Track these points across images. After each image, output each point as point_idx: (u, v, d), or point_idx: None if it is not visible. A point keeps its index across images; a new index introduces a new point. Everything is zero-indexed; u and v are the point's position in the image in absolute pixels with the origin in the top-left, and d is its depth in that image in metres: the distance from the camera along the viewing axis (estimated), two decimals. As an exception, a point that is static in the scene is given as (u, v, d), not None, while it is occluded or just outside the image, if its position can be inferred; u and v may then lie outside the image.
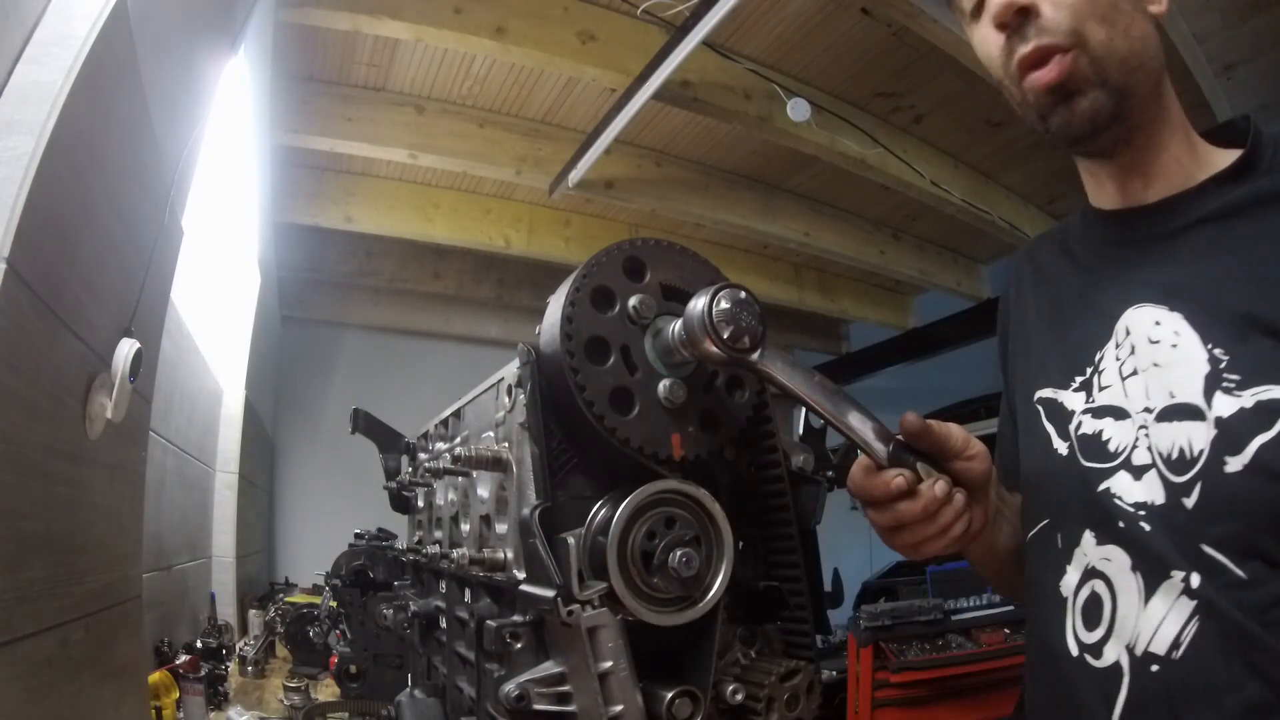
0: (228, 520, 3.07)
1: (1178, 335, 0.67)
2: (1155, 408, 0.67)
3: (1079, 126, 0.70)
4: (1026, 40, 0.70)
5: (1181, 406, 0.65)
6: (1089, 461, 0.72)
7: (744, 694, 0.72)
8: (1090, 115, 0.69)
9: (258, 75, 2.51)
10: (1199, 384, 0.65)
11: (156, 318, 1.38)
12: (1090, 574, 0.69)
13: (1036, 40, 0.69)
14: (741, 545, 0.68)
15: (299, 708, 1.93)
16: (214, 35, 1.50)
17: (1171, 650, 0.62)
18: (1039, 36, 0.69)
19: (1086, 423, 0.73)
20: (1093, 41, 0.68)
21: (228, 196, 2.71)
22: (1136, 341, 0.70)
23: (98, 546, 1.12)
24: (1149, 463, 0.67)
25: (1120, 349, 0.72)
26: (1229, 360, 0.64)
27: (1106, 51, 0.68)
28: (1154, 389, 0.68)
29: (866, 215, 4.40)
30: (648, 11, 2.73)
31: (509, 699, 0.64)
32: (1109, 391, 0.72)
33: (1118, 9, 0.69)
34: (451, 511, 1.06)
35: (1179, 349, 0.67)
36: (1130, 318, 0.72)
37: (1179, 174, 0.73)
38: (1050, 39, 0.68)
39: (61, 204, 0.85)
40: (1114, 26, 0.68)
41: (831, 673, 2.86)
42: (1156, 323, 0.69)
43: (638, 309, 0.65)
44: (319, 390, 4.72)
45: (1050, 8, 0.68)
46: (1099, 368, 0.74)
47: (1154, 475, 0.66)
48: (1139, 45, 0.70)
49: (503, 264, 4.69)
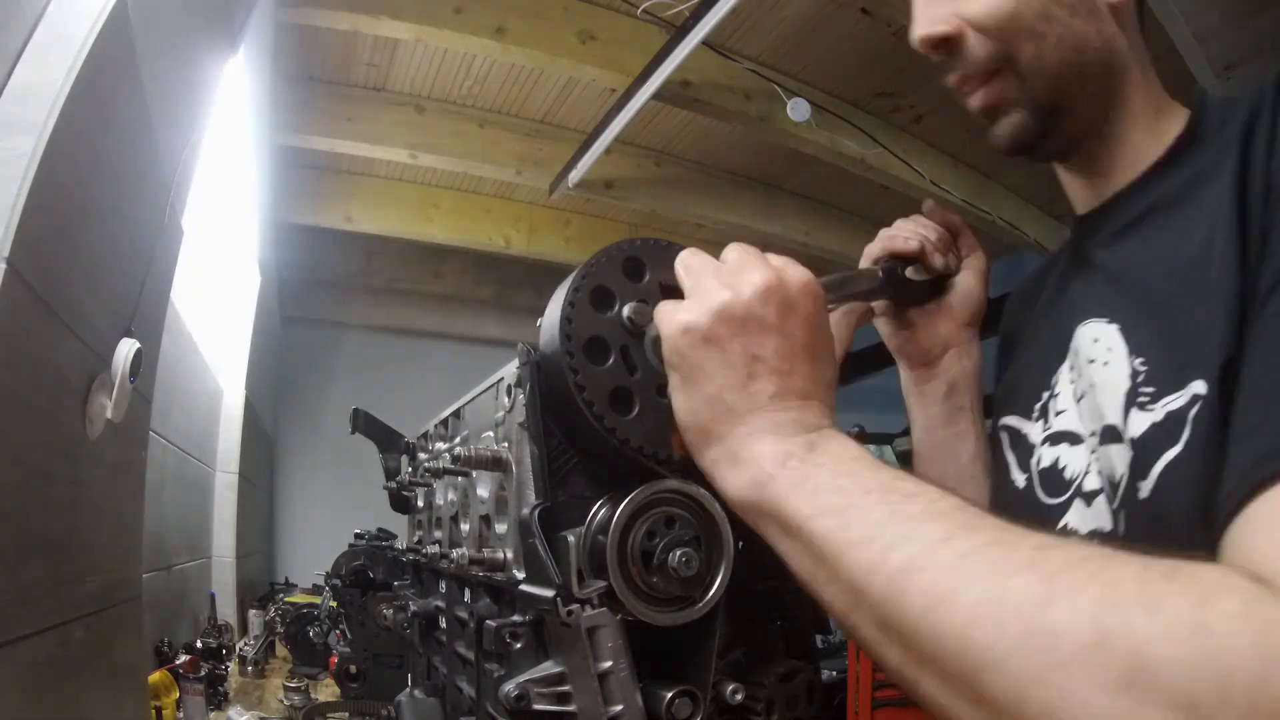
0: (228, 520, 3.07)
1: (1110, 351, 0.64)
2: (1096, 431, 0.64)
3: (1006, 145, 0.70)
4: (952, 69, 0.70)
5: (1108, 429, 0.62)
6: (1048, 497, 0.69)
7: (744, 694, 0.72)
8: (1012, 135, 0.69)
9: (258, 75, 2.51)
10: (1120, 402, 0.61)
11: (156, 318, 1.38)
12: None
13: (961, 70, 0.69)
14: (741, 545, 0.68)
15: (299, 708, 1.93)
16: (214, 35, 1.50)
17: None
18: (963, 66, 0.69)
19: (1045, 454, 0.70)
20: (1020, 59, 0.66)
21: (228, 196, 2.71)
22: (1081, 362, 0.67)
23: (98, 546, 1.12)
24: (1098, 488, 0.63)
25: (1073, 370, 0.68)
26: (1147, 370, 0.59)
27: (1035, 68, 0.66)
28: (1092, 412, 0.65)
29: (866, 215, 4.39)
30: (648, 11, 2.73)
31: (508, 699, 0.64)
32: (1063, 417, 0.69)
33: (1049, 19, 0.66)
34: (451, 511, 1.06)
35: (1110, 366, 0.63)
36: (1078, 335, 0.68)
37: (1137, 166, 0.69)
38: (975, 67, 0.68)
39: (61, 204, 0.85)
40: (1043, 40, 0.66)
41: (831, 673, 2.86)
42: (1095, 339, 0.66)
43: (633, 319, 0.65)
44: (319, 390, 4.72)
45: (974, 36, 0.67)
46: (1054, 392, 0.71)
47: (1102, 500, 0.63)
48: (1074, 54, 0.66)
49: (503, 264, 4.69)
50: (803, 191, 4.15)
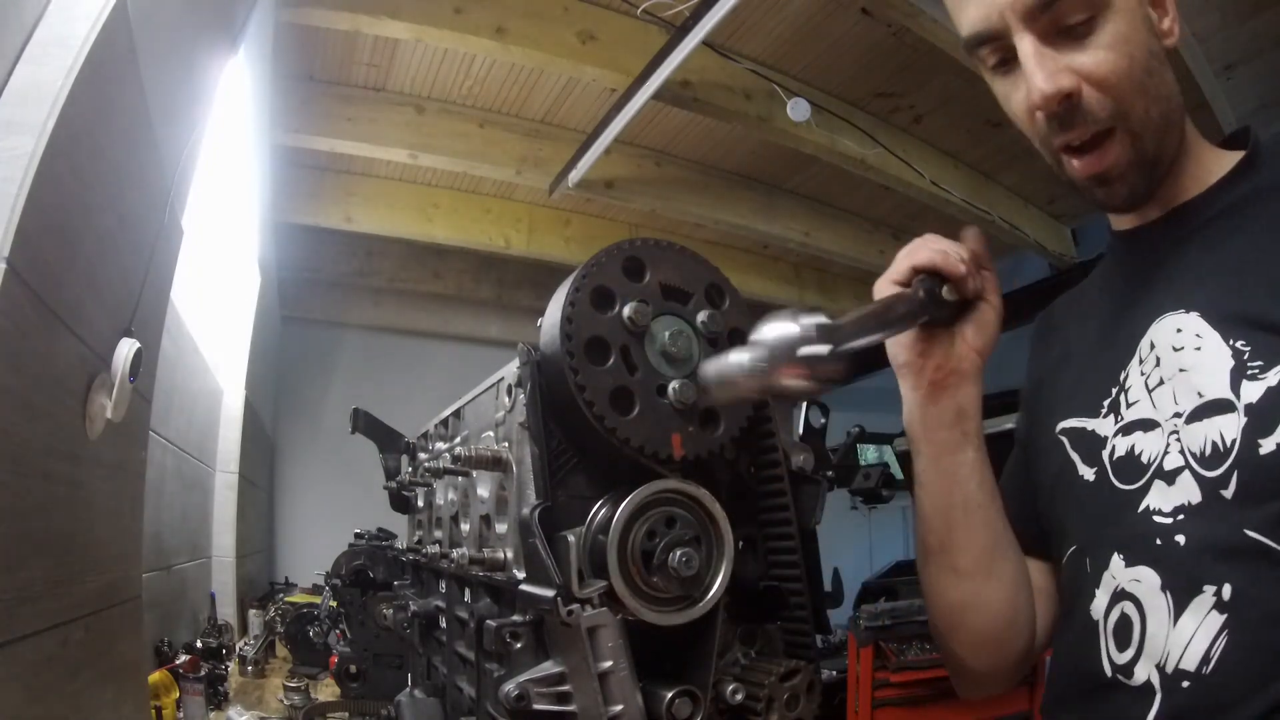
0: (228, 520, 3.07)
1: (1199, 337, 0.67)
2: (1184, 411, 0.67)
3: (1116, 206, 0.72)
4: (1070, 128, 0.68)
5: (1210, 403, 0.65)
6: (1123, 484, 0.71)
7: (744, 694, 0.72)
8: (1127, 197, 0.71)
9: (258, 75, 2.51)
10: (1225, 378, 0.64)
11: (156, 318, 1.38)
12: (1119, 596, 0.68)
13: (1081, 130, 0.68)
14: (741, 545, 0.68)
15: (299, 708, 1.93)
16: (214, 35, 1.50)
17: (1201, 666, 0.62)
18: (1083, 125, 0.68)
19: (1119, 443, 0.72)
20: (1133, 117, 0.67)
21: (228, 196, 2.71)
22: (1161, 353, 0.70)
23: (98, 546, 1.12)
24: (1181, 465, 0.66)
25: (1144, 364, 0.72)
26: (1251, 349, 0.63)
27: (1144, 125, 0.68)
28: (1182, 393, 0.67)
29: (866, 215, 4.40)
30: (648, 11, 2.73)
31: (509, 699, 0.65)
32: (1136, 406, 0.72)
33: (1151, 72, 0.67)
34: (451, 511, 1.06)
35: (1203, 350, 0.66)
36: (1154, 331, 0.71)
37: (1192, 186, 0.74)
38: (1095, 126, 0.67)
39: (61, 204, 0.85)
40: (1149, 95, 0.67)
41: (831, 673, 2.86)
42: (1178, 330, 0.69)
43: (633, 319, 0.65)
44: (319, 390, 4.72)
45: (1093, 93, 0.66)
46: (1124, 387, 0.73)
47: (1187, 476, 0.65)
48: (1168, 104, 0.69)
49: (503, 264, 4.69)
50: (803, 191, 4.14)
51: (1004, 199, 4.04)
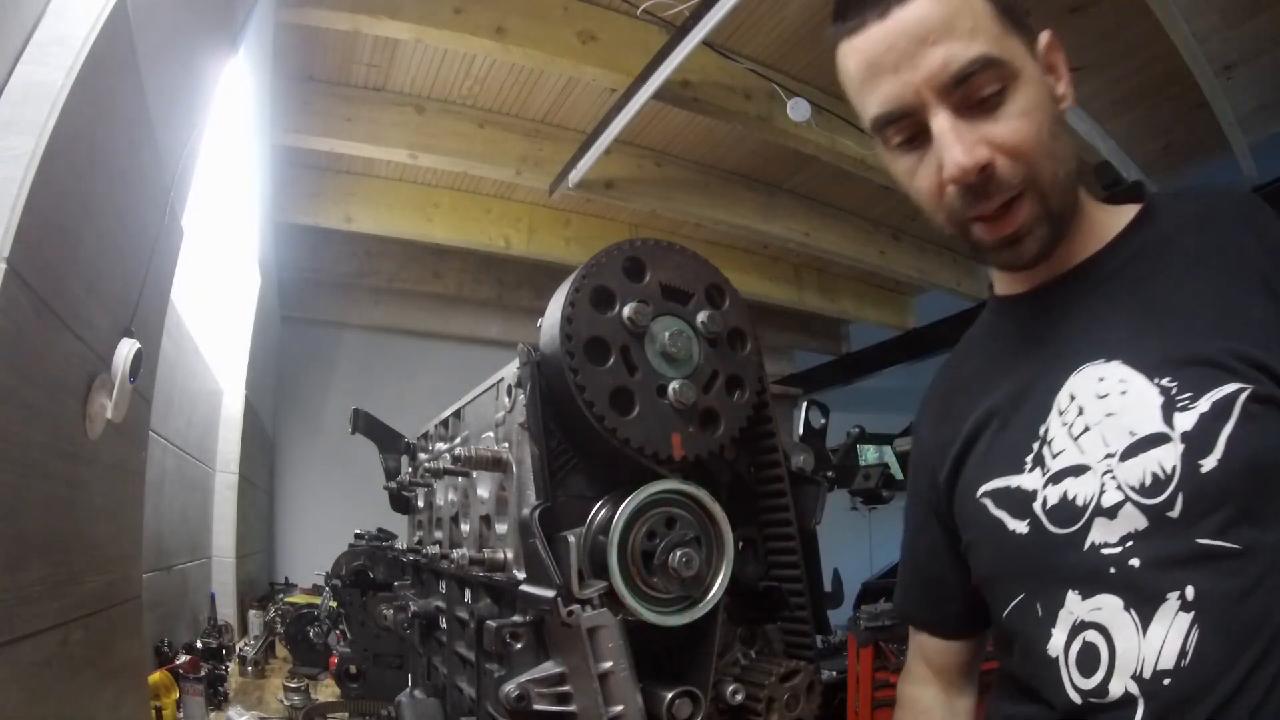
0: (228, 520, 3.07)
1: (1123, 381, 0.69)
2: (1117, 450, 0.68)
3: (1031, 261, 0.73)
4: (985, 198, 0.69)
5: (1145, 439, 0.67)
6: (1060, 529, 0.71)
7: (744, 694, 0.72)
8: (1035, 254, 0.73)
9: (258, 75, 2.51)
10: (1156, 414, 0.67)
11: (156, 318, 1.38)
12: (1080, 628, 0.69)
13: (998, 197, 0.69)
14: (741, 545, 0.68)
15: (299, 708, 1.93)
16: (214, 35, 1.50)
17: (1179, 660, 0.62)
18: (998, 193, 0.69)
19: (1050, 493, 0.72)
20: (1042, 179, 0.69)
21: (228, 196, 2.71)
22: (1084, 402, 0.72)
23: (98, 546, 1.12)
24: (1121, 499, 0.67)
25: (1065, 414, 0.73)
26: (1178, 385, 0.66)
27: (1051, 185, 0.70)
28: (1112, 435, 0.69)
29: (866, 215, 4.40)
30: (648, 11, 2.73)
31: (509, 699, 0.65)
32: (1063, 455, 0.72)
33: (1055, 135, 0.70)
34: (451, 512, 1.06)
35: (1129, 393, 0.69)
36: (1072, 384, 0.73)
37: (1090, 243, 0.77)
38: (1006, 193, 0.69)
39: (61, 204, 0.85)
40: (1055, 157, 0.70)
41: (831, 673, 2.86)
42: (1100, 378, 0.71)
43: (633, 319, 0.65)
44: (319, 390, 4.72)
45: (1006, 161, 0.68)
46: (1046, 440, 0.74)
47: (1130, 507, 0.67)
48: (1071, 163, 0.72)
49: (503, 264, 4.69)
50: (803, 191, 4.14)
51: (1003, 199, 4.04)
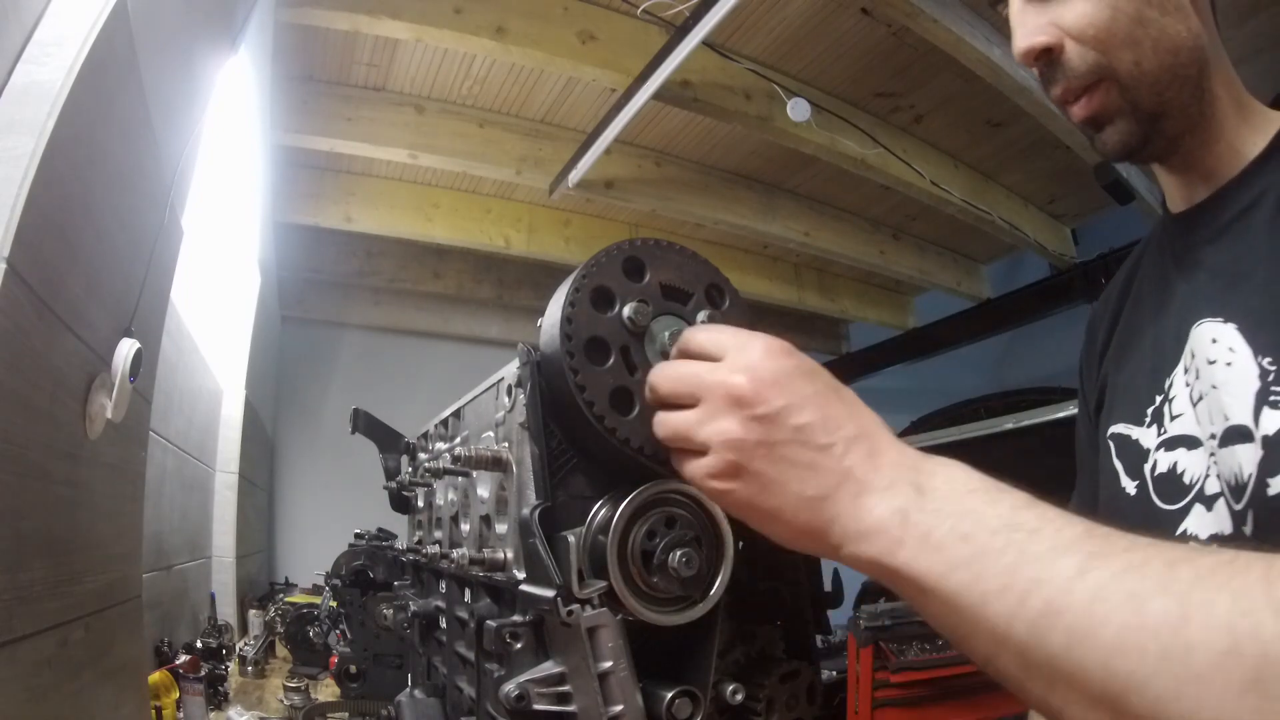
0: (228, 520, 3.07)
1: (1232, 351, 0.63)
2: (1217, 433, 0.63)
3: (1113, 153, 0.70)
4: (1055, 81, 0.68)
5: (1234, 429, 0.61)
6: (1164, 503, 0.68)
7: (744, 694, 0.72)
8: (1119, 144, 0.69)
9: (258, 75, 2.51)
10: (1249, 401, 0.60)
11: (156, 318, 1.38)
12: None
13: (1065, 82, 0.68)
14: (741, 545, 0.68)
15: (299, 708, 1.93)
16: (214, 35, 1.50)
17: None
18: (1066, 79, 0.67)
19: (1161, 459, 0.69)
20: (1120, 70, 0.66)
21: (228, 196, 2.71)
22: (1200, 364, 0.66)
23: (98, 546, 1.12)
24: (1218, 491, 0.63)
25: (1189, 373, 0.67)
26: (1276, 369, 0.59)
27: (1135, 78, 0.66)
28: (1214, 413, 0.64)
29: (866, 215, 4.40)
30: (648, 11, 2.73)
31: (509, 699, 0.64)
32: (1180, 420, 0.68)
33: (1144, 23, 0.65)
34: (451, 511, 1.06)
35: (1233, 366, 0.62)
36: (1194, 337, 0.67)
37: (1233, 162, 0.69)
38: (1077, 80, 0.67)
39: (61, 204, 0.85)
40: (1140, 47, 0.65)
41: (831, 673, 2.86)
42: (1213, 340, 0.65)
43: (633, 319, 0.65)
44: (319, 390, 4.72)
45: (1073, 47, 0.66)
46: (1169, 395, 0.69)
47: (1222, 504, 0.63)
48: (1170, 57, 0.66)
49: (503, 264, 4.69)
50: (803, 191, 4.15)
51: (1004, 199, 4.04)
